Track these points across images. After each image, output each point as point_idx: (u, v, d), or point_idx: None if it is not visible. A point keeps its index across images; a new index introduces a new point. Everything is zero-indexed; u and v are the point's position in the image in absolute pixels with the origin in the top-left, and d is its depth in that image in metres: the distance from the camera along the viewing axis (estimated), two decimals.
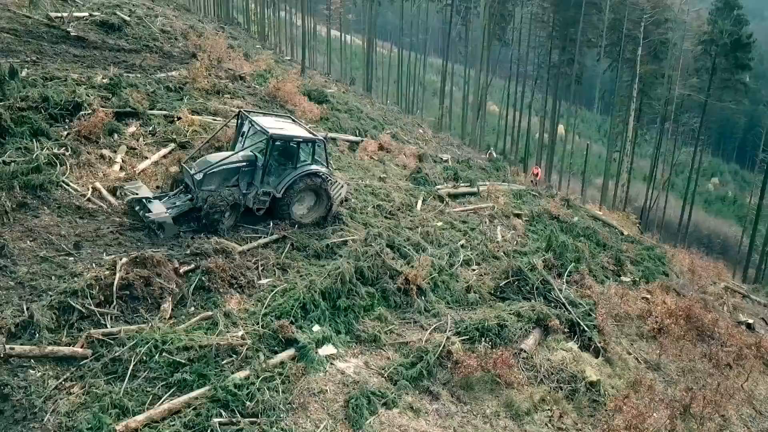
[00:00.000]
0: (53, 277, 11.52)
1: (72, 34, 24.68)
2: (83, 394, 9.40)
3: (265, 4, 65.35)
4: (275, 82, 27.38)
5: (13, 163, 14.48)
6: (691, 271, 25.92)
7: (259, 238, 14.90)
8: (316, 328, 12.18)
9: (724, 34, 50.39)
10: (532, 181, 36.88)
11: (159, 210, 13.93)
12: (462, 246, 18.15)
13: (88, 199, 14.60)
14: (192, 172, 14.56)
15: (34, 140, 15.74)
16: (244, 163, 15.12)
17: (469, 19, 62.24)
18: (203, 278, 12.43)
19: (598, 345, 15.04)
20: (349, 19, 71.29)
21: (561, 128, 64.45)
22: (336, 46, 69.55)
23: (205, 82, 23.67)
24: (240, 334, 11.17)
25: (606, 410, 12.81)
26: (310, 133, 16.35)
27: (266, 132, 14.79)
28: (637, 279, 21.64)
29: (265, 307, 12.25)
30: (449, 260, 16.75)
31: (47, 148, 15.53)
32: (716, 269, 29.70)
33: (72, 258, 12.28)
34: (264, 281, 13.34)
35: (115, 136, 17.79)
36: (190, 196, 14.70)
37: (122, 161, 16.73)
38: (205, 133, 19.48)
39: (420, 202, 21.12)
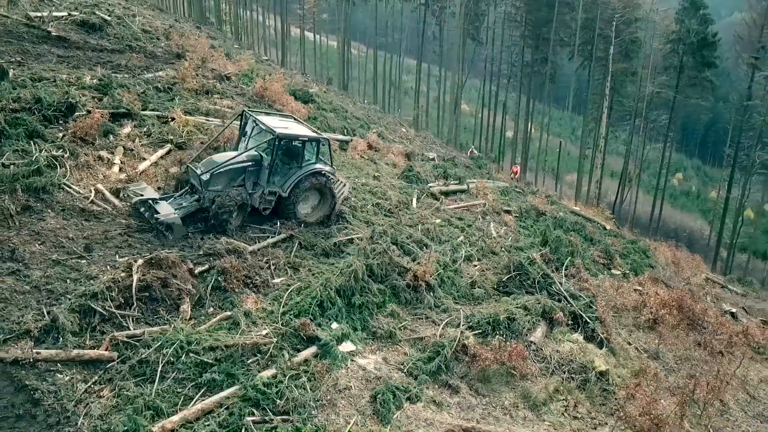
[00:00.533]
0: (68, 281, 11.32)
1: (53, 34, 24.16)
2: (114, 397, 9.30)
3: (238, 4, 64.74)
4: (262, 81, 27.25)
5: (12, 166, 14.16)
6: (674, 263, 26.68)
7: (267, 237, 14.86)
8: (334, 325, 12.24)
9: (691, 33, 51.91)
10: (512, 178, 37.42)
11: (167, 211, 13.80)
12: (461, 242, 18.35)
13: (92, 201, 14.37)
14: (198, 172, 14.45)
15: (31, 142, 15.41)
16: (250, 163, 15.07)
17: (443, 18, 62.74)
18: (219, 278, 12.36)
19: (602, 336, 15.42)
20: (324, 19, 71.10)
21: (534, 127, 65.39)
22: (309, 46, 69.33)
23: (193, 82, 23.44)
24: (265, 332, 11.16)
25: (616, 398, 13.20)
26: (315, 132, 16.36)
27: (273, 132, 14.76)
28: (627, 272, 22.22)
29: (283, 306, 12.25)
30: (452, 256, 16.94)
31: (45, 150, 15.22)
32: (695, 261, 30.57)
33: (84, 261, 12.09)
34: (277, 280, 13.33)
35: (110, 137, 17.51)
36: (196, 196, 14.58)
37: (120, 162, 16.50)
38: (200, 133, 19.33)
39: (415, 200, 21.29)
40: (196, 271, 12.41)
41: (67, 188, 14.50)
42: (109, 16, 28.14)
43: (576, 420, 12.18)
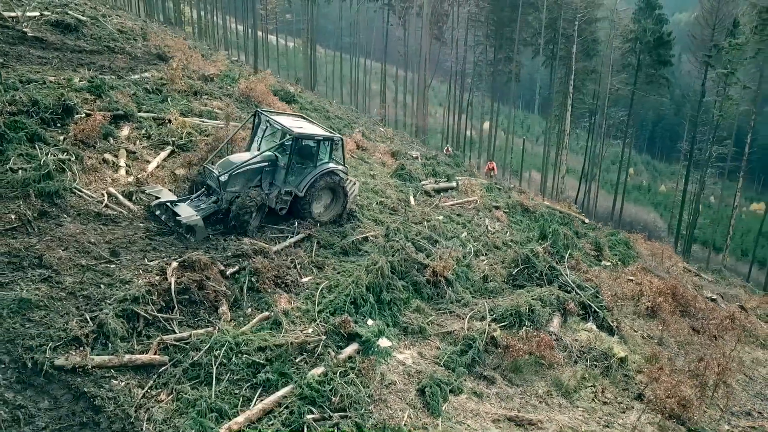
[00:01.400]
0: (102, 286, 11.06)
1: (29, 34, 23.37)
2: (173, 401, 9.17)
3: (200, 6, 63.64)
4: (246, 82, 27.02)
5: (21, 171, 13.73)
6: (653, 254, 27.71)
7: (287, 237, 14.81)
8: (370, 322, 12.32)
9: (648, 32, 53.88)
10: (489, 175, 38.04)
11: (188, 213, 13.59)
12: (467, 238, 18.67)
13: (106, 205, 14.03)
14: (217, 173, 14.28)
15: (35, 146, 14.96)
16: (266, 164, 14.98)
17: (406, 19, 63.16)
18: (252, 279, 12.28)
19: (611, 324, 15.96)
20: (287, 19, 70.52)
21: (499, 127, 66.51)
22: (272, 48, 68.69)
23: (182, 83, 23.06)
24: (310, 331, 11.16)
25: (636, 383, 13.72)
26: (328, 131, 16.37)
27: (291, 132, 14.71)
28: (616, 263, 22.98)
29: (318, 305, 12.26)
30: (462, 252, 17.23)
31: (51, 154, 14.78)
32: (668, 252, 31.82)
33: (113, 265, 11.82)
34: (305, 279, 13.33)
35: (110, 139, 17.11)
36: (214, 198, 14.40)
37: (126, 165, 16.14)
38: (199, 134, 19.07)
39: (412, 198, 21.50)
40: (227, 273, 12.29)
41: (79, 192, 14.12)
42: (81, 15, 27.38)
43: (605, 405, 12.60)
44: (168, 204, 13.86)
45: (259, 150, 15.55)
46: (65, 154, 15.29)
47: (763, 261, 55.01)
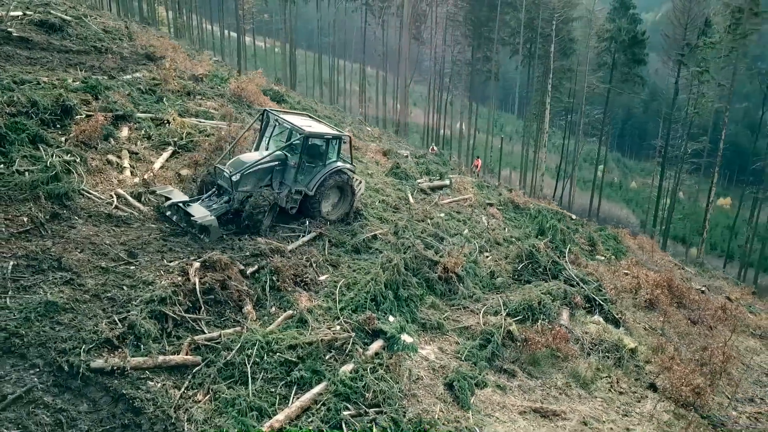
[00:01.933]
0: (124, 287, 10.91)
1: (15, 34, 22.87)
2: (210, 401, 9.12)
3: (174, 7, 62.80)
4: (236, 82, 26.84)
5: (27, 172, 13.46)
6: (641, 248, 28.32)
7: (298, 236, 14.78)
8: (391, 318, 12.39)
9: (623, 31, 54.93)
10: (474, 172, 38.39)
11: (202, 213, 13.48)
12: (471, 235, 18.85)
13: (116, 207, 13.85)
14: (228, 173, 14.18)
15: (39, 147, 14.70)
16: (276, 163, 14.93)
17: (385, 19, 63.29)
18: (273, 278, 12.24)
19: (616, 317, 16.29)
20: (265, 19, 70.02)
21: (477, 127, 67.09)
22: (248, 47, 68.08)
23: (175, 84, 22.81)
24: (337, 328, 11.19)
25: (646, 373, 14.04)
26: (336, 129, 16.38)
27: (302, 131, 14.69)
28: (610, 257, 23.43)
29: (339, 302, 12.29)
30: (468, 248, 17.39)
31: (56, 156, 14.53)
32: (652, 245, 32.54)
33: (133, 267, 11.67)
34: (323, 278, 13.33)
35: (111, 140, 16.88)
36: (225, 197, 14.30)
37: (131, 166, 15.93)
38: (199, 135, 18.90)
39: (411, 196, 21.61)
40: (247, 272, 12.23)
41: (88, 194, 13.90)
42: (64, 15, 26.88)
43: (621, 395, 12.87)
44: (180, 204, 13.72)
45: (267, 149, 15.48)
46: (69, 155, 15.06)
47: (731, 254, 56.44)
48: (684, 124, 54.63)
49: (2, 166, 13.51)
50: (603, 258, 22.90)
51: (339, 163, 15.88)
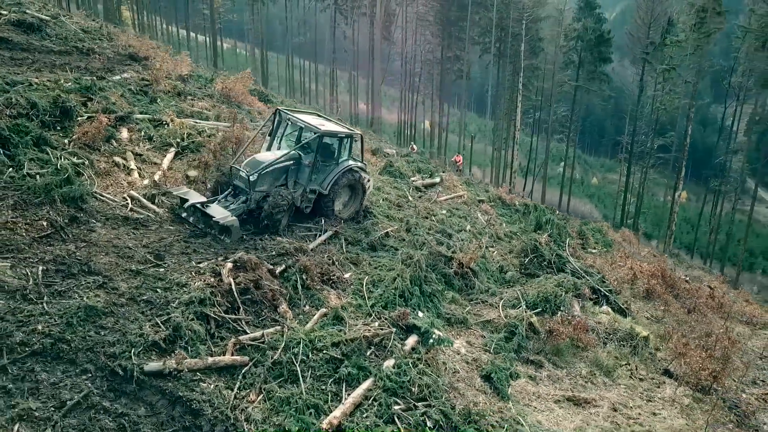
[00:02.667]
0: (158, 290, 10.73)
1: None
2: (264, 401, 9.07)
3: (138, 8, 61.51)
4: (222, 83, 26.54)
5: (38, 176, 13.10)
6: (625, 241, 29.09)
7: (315, 236, 14.75)
8: (420, 314, 12.49)
9: (589, 30, 56.21)
10: (455, 168, 38.74)
11: (222, 213, 13.32)
12: (476, 231, 19.09)
13: (131, 209, 13.58)
14: (245, 173, 14.04)
15: (44, 150, 14.33)
16: (291, 162, 14.85)
17: (355, 19, 63.25)
18: (302, 277, 12.20)
19: (622, 306, 16.76)
20: (234, 19, 69.15)
21: (447, 127, 67.72)
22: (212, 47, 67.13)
23: (165, 84, 22.42)
24: (375, 324, 11.24)
25: (658, 359, 14.50)
26: (348, 128, 16.38)
27: (318, 130, 14.66)
28: (601, 250, 24.02)
29: (369, 299, 12.34)
30: (477, 243, 17.63)
31: (64, 158, 14.18)
32: (629, 238, 33.46)
33: (162, 269, 11.48)
34: (346, 275, 13.34)
35: (113, 142, 16.53)
36: (242, 198, 14.16)
37: (138, 168, 15.63)
38: (199, 135, 18.64)
39: (409, 194, 21.74)
40: (276, 272, 12.16)
41: (101, 197, 13.60)
42: (41, 15, 26.14)
43: (642, 381, 13.27)
44: (198, 206, 13.53)
45: (279, 148, 15.40)
46: (75, 157, 14.71)
47: (694, 246, 58.32)
48: (648, 121, 56.24)
49: (11, 169, 13.12)
50: (595, 251, 23.45)
51: (350, 162, 15.89)
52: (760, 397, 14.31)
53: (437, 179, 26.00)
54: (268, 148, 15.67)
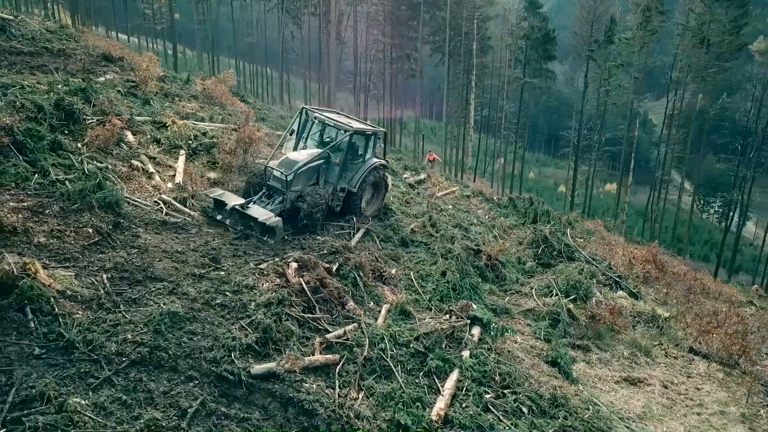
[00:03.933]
0: (228, 293, 10.46)
1: None
2: (367, 397, 9.02)
3: (74, 11, 58.84)
4: (201, 83, 25.94)
5: (67, 182, 12.48)
6: (597, 231, 30.23)
7: (348, 233, 14.69)
8: (474, 306, 12.67)
9: (535, 29, 58.05)
10: (429, 165, 39.10)
11: (265, 214, 13.06)
12: (486, 225, 19.46)
13: (167, 214, 13.14)
14: (280, 173, 13.82)
15: (62, 155, 13.68)
16: (322, 161, 14.73)
17: (300, 18, 62.77)
18: (359, 274, 12.15)
19: (633, 291, 17.51)
20: (177, 19, 66.98)
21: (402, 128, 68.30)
22: (161, 53, 65.01)
23: (153, 85, 21.69)
24: (447, 316, 11.34)
25: (681, 338, 15.26)
26: (371, 126, 16.36)
27: (349, 128, 14.60)
28: (585, 238, 24.92)
29: (426, 294, 12.43)
30: (491, 236, 18.00)
31: (88, 163, 13.58)
32: (599, 227, 34.79)
33: (222, 272, 11.18)
34: (393, 271, 13.37)
35: (123, 146, 15.90)
36: (279, 198, 13.93)
37: (157, 171, 15.11)
38: (204, 137, 18.17)
39: (409, 192, 21.89)
40: (332, 270, 12.06)
41: (134, 202, 13.09)
42: (2, 13, 24.79)
43: (677, 359, 13.94)
44: (238, 207, 13.22)
45: (305, 147, 15.25)
46: (95, 161, 14.07)
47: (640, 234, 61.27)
48: (594, 116, 58.61)
49: (37, 176, 12.44)
50: (581, 239, 24.31)
51: (374, 160, 15.89)
52: None
53: (422, 176, 26.29)
54: (295, 148, 15.45)
